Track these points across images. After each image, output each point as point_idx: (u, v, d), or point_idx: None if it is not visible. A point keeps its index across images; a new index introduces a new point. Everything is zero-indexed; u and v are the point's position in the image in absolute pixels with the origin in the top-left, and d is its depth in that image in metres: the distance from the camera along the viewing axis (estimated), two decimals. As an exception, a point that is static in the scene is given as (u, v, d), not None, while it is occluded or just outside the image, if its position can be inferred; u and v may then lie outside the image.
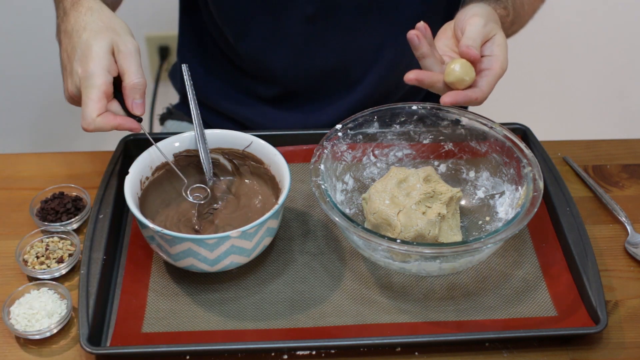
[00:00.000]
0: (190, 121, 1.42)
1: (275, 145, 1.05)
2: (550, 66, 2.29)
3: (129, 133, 1.17)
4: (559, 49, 2.26)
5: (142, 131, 0.99)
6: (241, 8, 1.23)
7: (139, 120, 0.99)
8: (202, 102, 1.38)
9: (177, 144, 1.06)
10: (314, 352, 0.93)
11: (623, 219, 1.09)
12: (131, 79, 0.97)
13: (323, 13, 1.21)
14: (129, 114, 0.98)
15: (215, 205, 1.07)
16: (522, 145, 1.04)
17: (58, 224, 1.06)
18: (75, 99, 1.00)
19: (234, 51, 1.31)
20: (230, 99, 1.37)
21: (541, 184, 0.99)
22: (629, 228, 1.08)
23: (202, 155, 1.05)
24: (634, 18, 2.23)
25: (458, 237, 1.03)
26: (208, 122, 1.37)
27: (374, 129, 1.10)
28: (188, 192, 1.04)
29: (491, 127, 1.07)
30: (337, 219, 0.95)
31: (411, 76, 1.01)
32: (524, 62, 2.25)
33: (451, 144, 1.11)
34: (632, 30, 2.24)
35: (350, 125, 1.07)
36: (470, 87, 1.01)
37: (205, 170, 1.05)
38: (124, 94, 0.98)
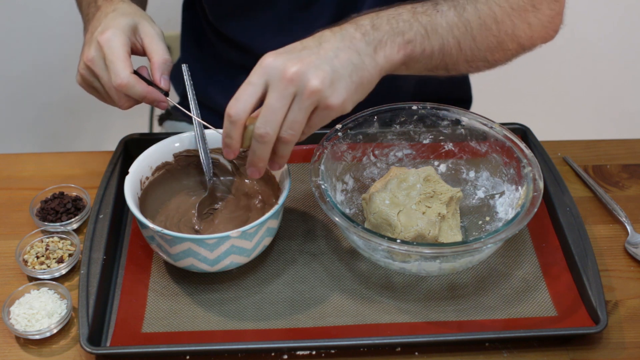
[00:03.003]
0: (189, 122, 1.42)
1: (275, 145, 1.05)
2: (550, 66, 2.29)
3: (129, 133, 1.17)
4: (559, 49, 2.26)
5: (170, 104, 1.02)
6: (235, 4, 1.24)
7: (165, 94, 1.01)
8: (202, 103, 1.38)
9: (177, 144, 1.06)
10: (314, 352, 0.93)
11: (623, 219, 1.09)
12: (161, 55, 1.01)
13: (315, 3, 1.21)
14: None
15: (215, 205, 1.07)
16: (522, 145, 1.04)
17: (58, 224, 1.06)
18: (92, 65, 1.00)
19: (231, 48, 1.31)
20: (228, 96, 1.37)
21: (541, 184, 0.99)
22: (629, 228, 1.08)
23: (202, 155, 1.05)
24: (634, 18, 2.23)
25: (458, 237, 1.03)
26: (209, 123, 1.37)
27: (374, 129, 1.10)
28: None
29: (491, 127, 1.07)
30: (337, 219, 0.95)
31: None
32: (523, 63, 2.25)
33: (451, 144, 1.11)
34: (632, 31, 2.24)
35: (350, 125, 1.07)
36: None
37: (205, 170, 1.05)
38: (152, 69, 1.01)
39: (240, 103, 0.89)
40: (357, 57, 0.90)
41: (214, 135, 1.07)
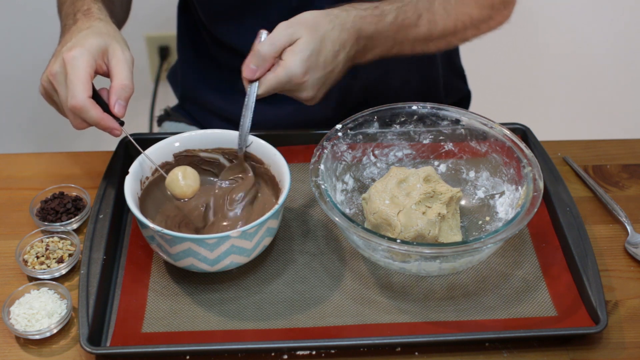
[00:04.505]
0: (188, 123, 1.42)
1: (275, 145, 1.05)
2: (551, 66, 2.29)
3: (129, 133, 1.17)
4: (559, 49, 2.26)
5: (122, 135, 1.01)
6: (226, 7, 1.24)
7: (121, 123, 0.99)
8: (199, 105, 1.39)
9: (177, 144, 1.07)
10: (314, 352, 0.93)
11: (623, 219, 1.09)
12: (120, 80, 0.99)
13: (306, 3, 1.21)
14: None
15: (239, 175, 1.07)
16: (522, 145, 1.04)
17: (58, 224, 1.07)
18: (53, 80, 1.00)
19: (224, 51, 1.31)
20: (225, 98, 1.37)
21: (541, 184, 0.99)
22: (629, 228, 1.08)
23: (242, 127, 1.05)
24: (634, 18, 2.23)
25: (458, 237, 1.03)
26: (207, 124, 1.37)
27: (374, 129, 1.10)
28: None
29: (491, 127, 1.07)
30: (337, 219, 0.95)
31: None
32: (524, 62, 2.25)
33: (451, 144, 1.11)
34: (631, 30, 2.24)
35: (350, 125, 1.07)
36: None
37: (240, 135, 1.05)
38: (109, 93, 1.00)
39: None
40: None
41: (214, 135, 1.07)
